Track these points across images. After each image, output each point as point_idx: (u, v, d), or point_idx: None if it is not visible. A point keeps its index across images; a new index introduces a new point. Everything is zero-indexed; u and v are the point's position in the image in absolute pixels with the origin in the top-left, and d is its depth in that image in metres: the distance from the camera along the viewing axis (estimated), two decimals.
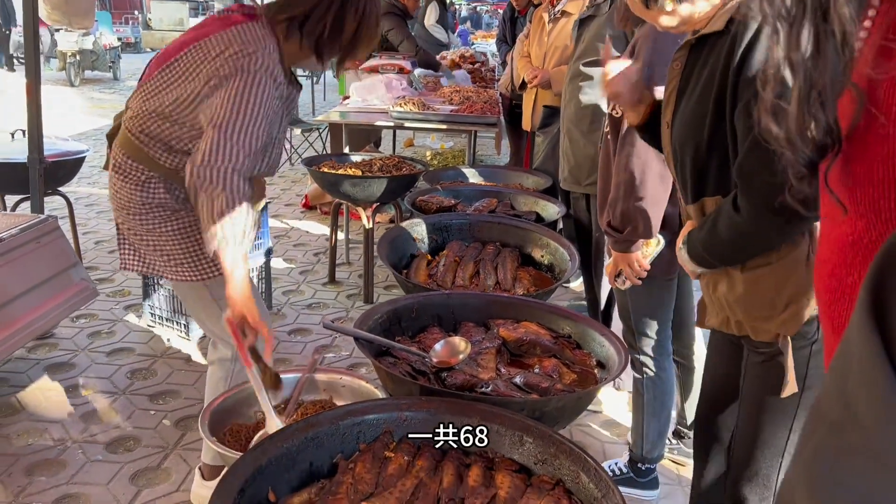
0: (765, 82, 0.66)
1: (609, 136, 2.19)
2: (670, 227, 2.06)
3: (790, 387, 1.42)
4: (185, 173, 1.76)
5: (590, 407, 2.36)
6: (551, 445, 1.29)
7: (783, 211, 1.25)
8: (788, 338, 1.41)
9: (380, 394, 1.75)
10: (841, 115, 0.63)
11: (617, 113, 2.16)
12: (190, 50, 1.88)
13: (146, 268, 2.11)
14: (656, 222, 2.02)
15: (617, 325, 2.78)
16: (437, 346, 1.71)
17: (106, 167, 2.08)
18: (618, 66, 1.69)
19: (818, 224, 1.35)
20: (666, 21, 1.46)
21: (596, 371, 1.72)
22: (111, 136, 2.11)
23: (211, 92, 1.82)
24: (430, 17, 7.92)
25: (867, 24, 0.59)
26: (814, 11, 0.59)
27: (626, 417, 2.79)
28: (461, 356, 1.68)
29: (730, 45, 1.35)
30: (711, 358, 1.77)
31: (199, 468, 2.29)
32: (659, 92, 1.74)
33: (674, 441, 2.59)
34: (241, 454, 1.52)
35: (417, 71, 5.74)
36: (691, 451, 2.52)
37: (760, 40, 1.29)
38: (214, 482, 2.24)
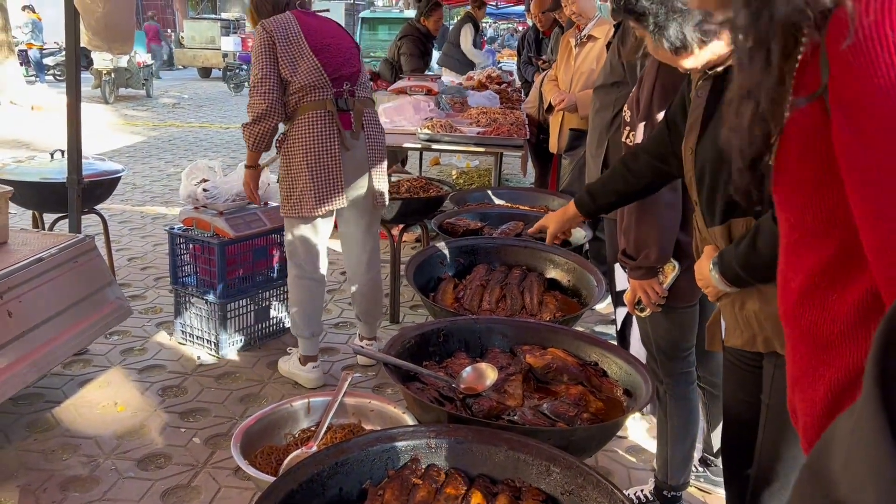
0: (728, 104, 0.74)
1: None
2: (686, 255, 2.08)
3: None
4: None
5: None
6: (579, 476, 1.30)
7: None
8: None
9: (408, 419, 1.78)
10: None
11: (630, 141, 2.19)
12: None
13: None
14: (669, 248, 2.04)
15: (635, 347, 2.78)
16: (465, 373, 1.73)
17: (356, 136, 3.02)
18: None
19: None
20: (689, 63, 1.57)
21: (623, 399, 1.73)
22: (356, 110, 3.03)
23: None
24: (467, 40, 8.08)
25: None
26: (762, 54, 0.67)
27: (651, 443, 2.78)
28: (488, 383, 1.70)
29: None
30: (729, 385, 1.78)
31: (298, 358, 3.25)
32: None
33: (700, 468, 2.57)
34: (272, 478, 1.56)
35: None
36: (717, 478, 2.51)
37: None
38: (308, 367, 3.23)
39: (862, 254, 0.60)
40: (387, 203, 3.25)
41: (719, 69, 1.55)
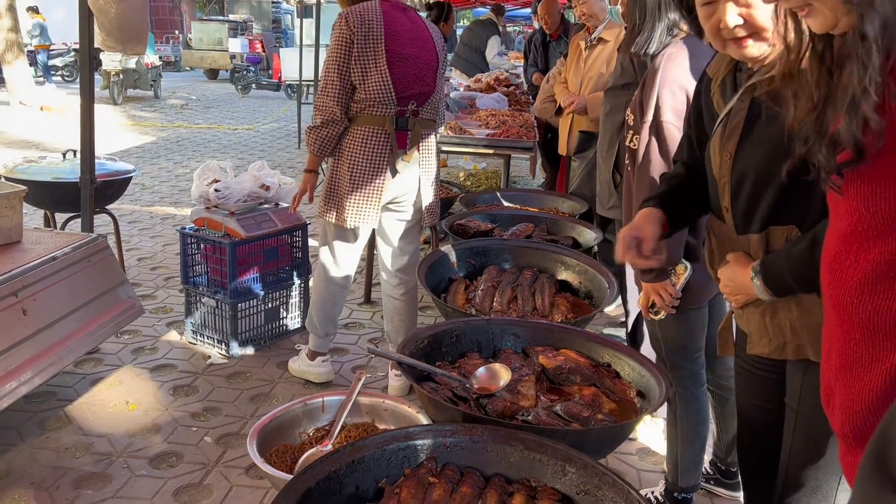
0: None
1: (629, 168, 2.23)
2: (695, 257, 2.08)
3: None
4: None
5: None
6: (594, 476, 1.31)
7: None
8: None
9: (422, 418, 1.79)
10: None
11: (634, 145, 2.19)
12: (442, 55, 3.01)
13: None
14: (679, 249, 2.04)
15: (646, 349, 2.78)
16: (478, 373, 1.74)
17: (409, 157, 2.94)
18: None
19: None
20: (757, 47, 1.49)
21: (636, 401, 1.73)
22: (413, 130, 2.93)
23: None
24: (493, 50, 8.38)
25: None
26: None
27: (661, 445, 2.79)
28: (502, 383, 1.71)
29: None
30: (743, 392, 1.77)
31: (306, 353, 3.28)
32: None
33: (710, 470, 2.57)
34: (287, 475, 1.57)
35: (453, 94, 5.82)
36: (728, 481, 2.52)
37: None
38: (316, 361, 3.24)
39: None
40: (436, 220, 3.19)
41: (771, 73, 1.44)
